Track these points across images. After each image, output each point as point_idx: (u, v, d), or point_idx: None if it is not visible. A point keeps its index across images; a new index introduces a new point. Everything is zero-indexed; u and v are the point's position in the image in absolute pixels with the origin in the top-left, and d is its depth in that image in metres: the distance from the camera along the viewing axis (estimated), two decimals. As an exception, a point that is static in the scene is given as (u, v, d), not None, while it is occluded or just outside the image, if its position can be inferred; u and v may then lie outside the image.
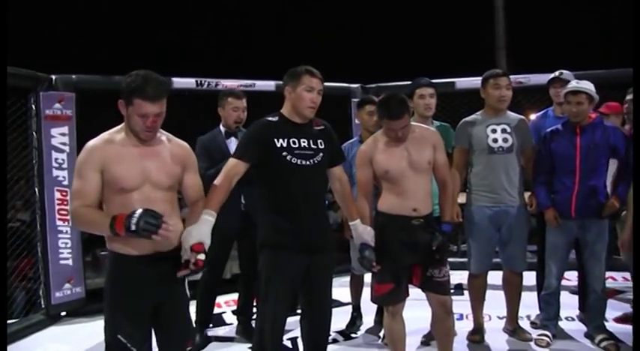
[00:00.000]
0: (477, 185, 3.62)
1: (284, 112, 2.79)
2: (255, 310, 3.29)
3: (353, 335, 3.96)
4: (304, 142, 2.74)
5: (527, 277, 3.76)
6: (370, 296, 3.09)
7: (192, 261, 2.31)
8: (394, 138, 2.94)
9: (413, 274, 2.98)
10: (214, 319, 4.22)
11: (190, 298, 2.52)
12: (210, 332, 4.03)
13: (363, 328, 4.03)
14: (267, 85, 5.30)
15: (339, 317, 3.65)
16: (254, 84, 5.25)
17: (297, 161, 2.70)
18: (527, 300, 3.86)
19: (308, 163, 2.72)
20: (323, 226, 2.85)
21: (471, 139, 3.60)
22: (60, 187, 4.38)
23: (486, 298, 3.74)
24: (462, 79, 5.53)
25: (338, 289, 3.50)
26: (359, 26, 13.39)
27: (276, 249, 2.71)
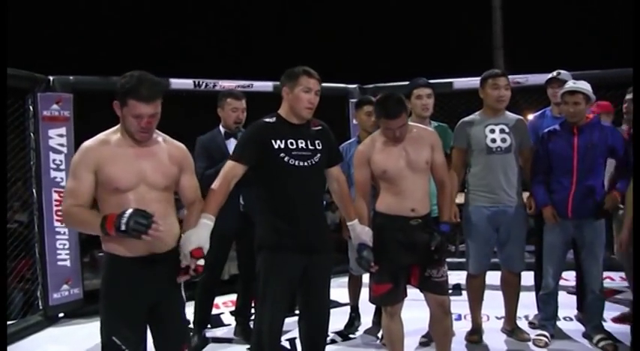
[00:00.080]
0: (475, 185, 3.62)
1: (281, 112, 2.79)
2: (254, 311, 3.29)
3: (351, 336, 3.96)
4: (302, 143, 2.73)
5: (525, 277, 3.76)
6: (368, 296, 3.08)
7: (193, 267, 2.31)
8: (392, 138, 2.94)
9: (411, 274, 2.98)
10: (213, 320, 4.21)
11: (189, 298, 2.52)
12: (209, 333, 4.03)
13: (361, 328, 4.03)
14: (265, 86, 5.30)
15: (337, 318, 3.64)
16: (252, 85, 5.26)
17: (295, 162, 2.69)
18: (526, 300, 3.87)
19: (306, 164, 2.72)
20: (321, 227, 2.85)
21: (470, 139, 3.60)
22: (58, 188, 4.37)
23: (484, 298, 3.74)
24: (459, 79, 5.53)
25: (336, 289, 3.50)
26: (357, 27, 13.41)
27: (274, 250, 2.71)
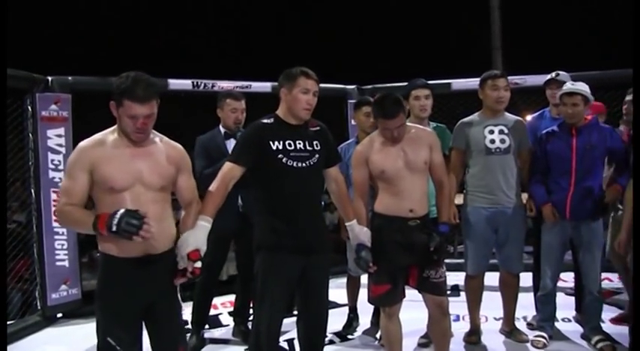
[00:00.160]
0: (473, 186, 3.62)
1: (279, 113, 2.79)
2: (252, 311, 3.29)
3: (349, 336, 3.96)
4: (300, 143, 2.73)
5: (523, 279, 3.76)
6: (367, 297, 3.09)
7: (190, 269, 2.31)
8: (390, 138, 2.94)
9: (409, 275, 2.98)
10: (211, 320, 4.21)
11: (187, 299, 2.52)
12: (207, 334, 4.03)
13: (359, 329, 4.03)
14: (264, 87, 5.30)
15: (335, 318, 3.64)
16: (250, 85, 5.26)
17: (293, 163, 2.69)
18: (524, 301, 3.87)
19: (304, 164, 2.72)
20: (319, 228, 2.85)
21: (468, 139, 3.60)
22: (56, 189, 4.36)
23: (483, 299, 3.74)
24: (458, 80, 5.54)
25: (335, 290, 3.50)
26: (356, 28, 13.41)
27: (273, 250, 2.71)
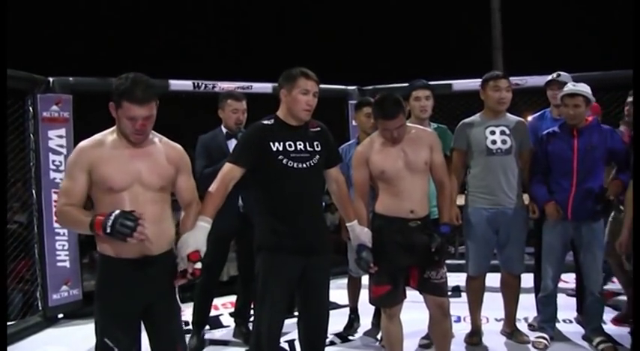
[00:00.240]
0: (474, 187, 3.62)
1: (280, 114, 2.78)
2: (253, 312, 3.29)
3: (350, 337, 3.95)
4: (300, 144, 2.73)
5: (525, 280, 3.76)
6: (368, 298, 3.08)
7: (190, 271, 2.31)
8: (390, 138, 2.94)
9: (410, 276, 2.97)
10: (212, 321, 4.21)
11: (188, 300, 2.52)
12: (208, 334, 4.03)
13: (360, 330, 4.03)
14: (264, 88, 5.30)
15: (336, 319, 3.64)
16: (251, 86, 5.26)
17: (294, 164, 2.69)
18: (525, 302, 3.86)
19: (304, 165, 2.71)
20: (320, 228, 2.85)
21: (470, 140, 3.60)
22: (57, 189, 4.35)
23: (484, 300, 3.73)
24: (458, 81, 5.53)
25: (335, 291, 3.50)
26: (357, 28, 13.41)
27: (273, 251, 2.71)
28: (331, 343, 3.78)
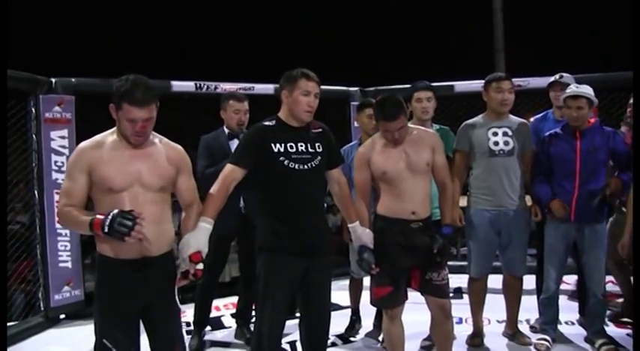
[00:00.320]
0: (477, 188, 3.62)
1: (281, 115, 2.78)
2: (254, 313, 3.29)
3: (352, 339, 3.95)
4: (302, 146, 2.73)
5: (527, 281, 3.75)
6: (369, 299, 3.08)
7: (192, 272, 2.31)
8: (391, 140, 2.94)
9: (412, 277, 2.97)
10: (214, 322, 4.21)
11: (188, 301, 2.52)
12: (210, 335, 4.03)
13: (362, 331, 4.03)
14: (266, 89, 5.30)
15: (338, 321, 3.64)
16: (253, 87, 5.26)
17: (295, 166, 2.69)
18: (527, 304, 3.85)
19: (306, 167, 2.71)
20: (321, 229, 2.85)
21: (472, 141, 3.59)
22: (59, 190, 4.35)
23: (486, 301, 3.73)
24: (460, 82, 5.53)
25: (337, 292, 3.50)
26: (359, 29, 13.41)
27: (274, 252, 2.71)
28: (333, 345, 3.78)
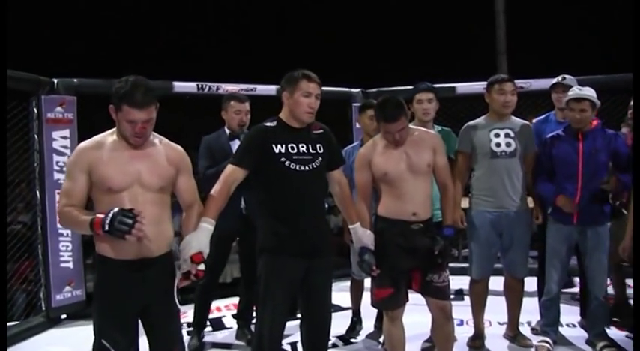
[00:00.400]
0: (478, 189, 3.61)
1: (282, 116, 2.78)
2: (255, 314, 3.29)
3: (353, 340, 3.95)
4: (303, 147, 2.73)
5: (528, 283, 3.75)
6: (370, 300, 3.08)
7: (193, 272, 2.31)
8: (392, 141, 2.94)
9: (412, 278, 2.97)
10: (214, 322, 4.22)
11: (189, 301, 2.52)
12: (210, 336, 4.03)
13: (363, 333, 4.03)
14: (268, 90, 5.30)
15: (339, 322, 3.64)
16: (255, 88, 5.26)
17: (296, 167, 2.69)
18: (528, 306, 3.85)
19: (307, 168, 2.71)
20: (322, 230, 2.84)
21: (474, 143, 3.59)
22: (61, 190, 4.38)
23: (487, 303, 3.72)
24: (462, 83, 5.53)
25: (338, 293, 3.50)
26: (360, 30, 13.39)
27: (275, 253, 2.71)
28: (333, 346, 3.78)
